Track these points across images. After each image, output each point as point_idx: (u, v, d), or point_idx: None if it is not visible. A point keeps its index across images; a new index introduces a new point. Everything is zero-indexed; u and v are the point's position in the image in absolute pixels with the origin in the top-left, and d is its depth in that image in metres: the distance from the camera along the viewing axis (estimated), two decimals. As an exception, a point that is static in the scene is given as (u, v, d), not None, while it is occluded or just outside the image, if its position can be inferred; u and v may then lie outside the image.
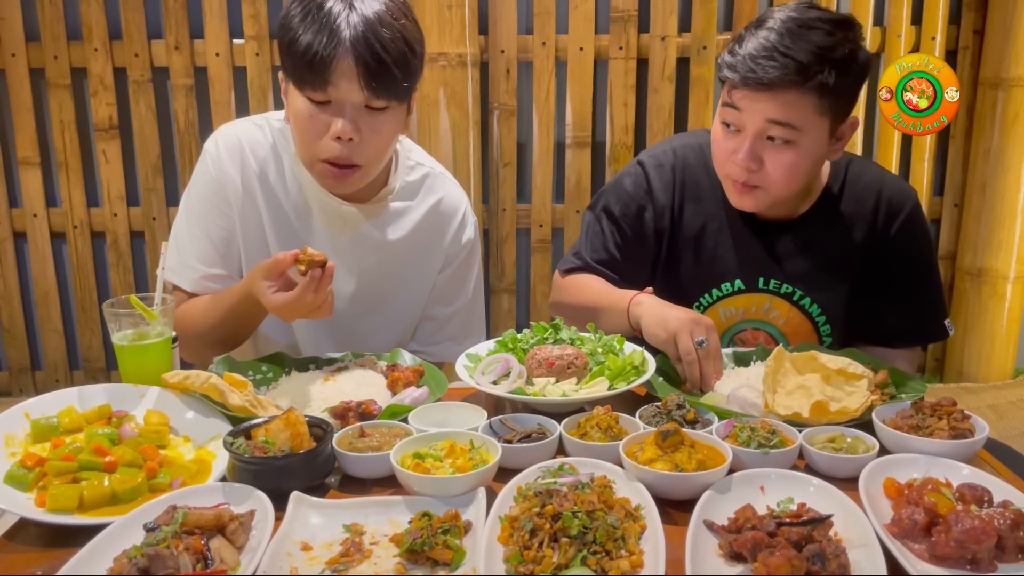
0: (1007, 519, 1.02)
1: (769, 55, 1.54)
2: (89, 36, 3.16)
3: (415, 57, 1.59)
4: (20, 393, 3.45)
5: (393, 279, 1.83)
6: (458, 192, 1.89)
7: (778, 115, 1.57)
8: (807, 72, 1.53)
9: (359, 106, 1.56)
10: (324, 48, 1.50)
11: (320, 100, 1.56)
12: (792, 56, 1.54)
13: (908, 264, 1.78)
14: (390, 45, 1.53)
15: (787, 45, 1.54)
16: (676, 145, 1.87)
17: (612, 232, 1.86)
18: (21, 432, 1.31)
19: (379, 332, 1.84)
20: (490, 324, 3.44)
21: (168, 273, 1.72)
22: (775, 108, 1.57)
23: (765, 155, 1.61)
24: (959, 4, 3.25)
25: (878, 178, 1.80)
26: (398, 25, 1.55)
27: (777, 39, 1.55)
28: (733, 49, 1.61)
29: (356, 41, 1.51)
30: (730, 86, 1.61)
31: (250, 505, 1.13)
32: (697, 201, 1.82)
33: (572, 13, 3.17)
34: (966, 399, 3.09)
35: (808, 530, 1.00)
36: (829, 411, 1.35)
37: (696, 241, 1.82)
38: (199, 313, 1.69)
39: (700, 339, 1.53)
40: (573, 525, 1.01)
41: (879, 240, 1.77)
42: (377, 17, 1.53)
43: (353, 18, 1.52)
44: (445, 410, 1.41)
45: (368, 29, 1.52)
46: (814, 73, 1.53)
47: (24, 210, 3.31)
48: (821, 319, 1.80)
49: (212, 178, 1.72)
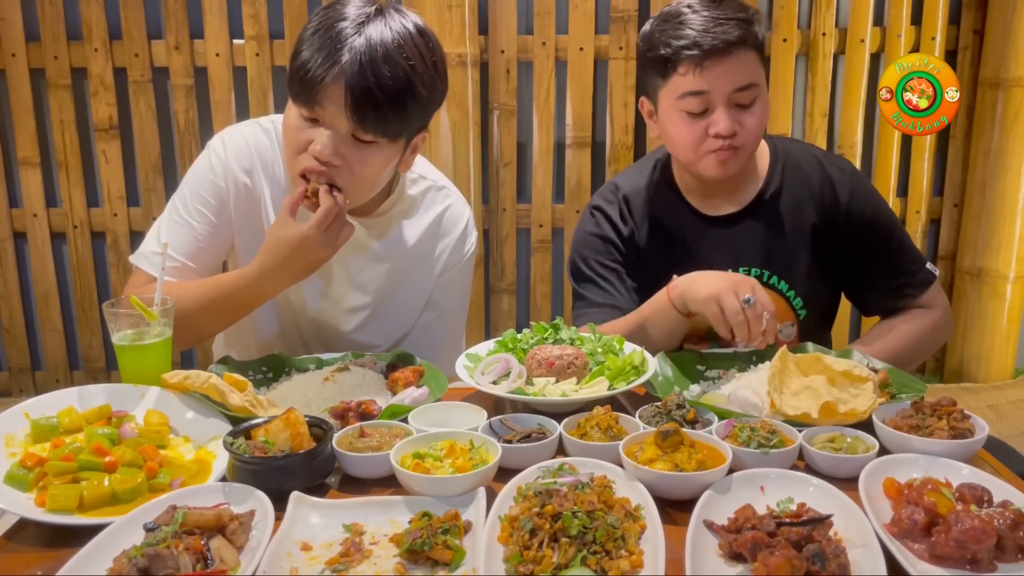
0: (1007, 519, 1.02)
1: (716, 23, 1.66)
2: (89, 36, 3.16)
3: (415, 100, 1.51)
4: (20, 393, 3.45)
5: (393, 291, 1.82)
6: (461, 205, 1.86)
7: (742, 79, 1.68)
8: (750, 30, 1.68)
9: (344, 134, 1.51)
10: (319, 67, 1.46)
11: (308, 116, 1.52)
12: (735, 19, 1.67)
13: (870, 226, 1.84)
14: (387, 82, 1.46)
15: (721, 15, 1.67)
16: (617, 181, 1.96)
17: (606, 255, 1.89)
18: (21, 432, 1.31)
19: (375, 342, 1.83)
20: (490, 324, 3.44)
21: (138, 256, 1.70)
22: (736, 73, 1.67)
23: (739, 118, 1.71)
24: (959, 4, 3.26)
25: (810, 152, 1.91)
26: (404, 64, 1.48)
27: (709, 14, 1.67)
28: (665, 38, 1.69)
29: (351, 69, 1.45)
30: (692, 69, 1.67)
31: (250, 505, 1.13)
32: (651, 220, 1.90)
33: (572, 13, 3.17)
34: (966, 399, 3.10)
35: (808, 530, 1.00)
36: (838, 412, 1.35)
37: (664, 254, 1.87)
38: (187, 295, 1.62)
39: (747, 297, 1.54)
40: (573, 525, 1.01)
41: (832, 211, 1.83)
42: (384, 49, 1.46)
43: (358, 44, 1.46)
44: (445, 410, 1.41)
45: (369, 60, 1.45)
46: (754, 32, 1.69)
47: (24, 210, 3.32)
48: (791, 294, 1.85)
49: (213, 175, 1.70)
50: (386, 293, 1.82)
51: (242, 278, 1.59)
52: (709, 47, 1.65)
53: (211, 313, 1.64)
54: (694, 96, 1.69)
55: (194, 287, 1.63)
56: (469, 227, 1.87)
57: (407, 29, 1.51)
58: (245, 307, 1.66)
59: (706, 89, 1.67)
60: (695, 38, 1.66)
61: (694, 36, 1.66)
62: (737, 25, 1.66)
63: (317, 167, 1.52)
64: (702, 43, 1.65)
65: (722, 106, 1.69)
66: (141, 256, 1.71)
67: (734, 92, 1.68)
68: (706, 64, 1.65)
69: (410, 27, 1.52)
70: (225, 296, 1.61)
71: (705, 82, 1.67)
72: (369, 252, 1.78)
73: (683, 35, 1.67)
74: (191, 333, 1.64)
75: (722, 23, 1.66)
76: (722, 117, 1.69)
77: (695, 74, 1.67)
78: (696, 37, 1.66)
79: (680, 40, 1.67)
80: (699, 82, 1.67)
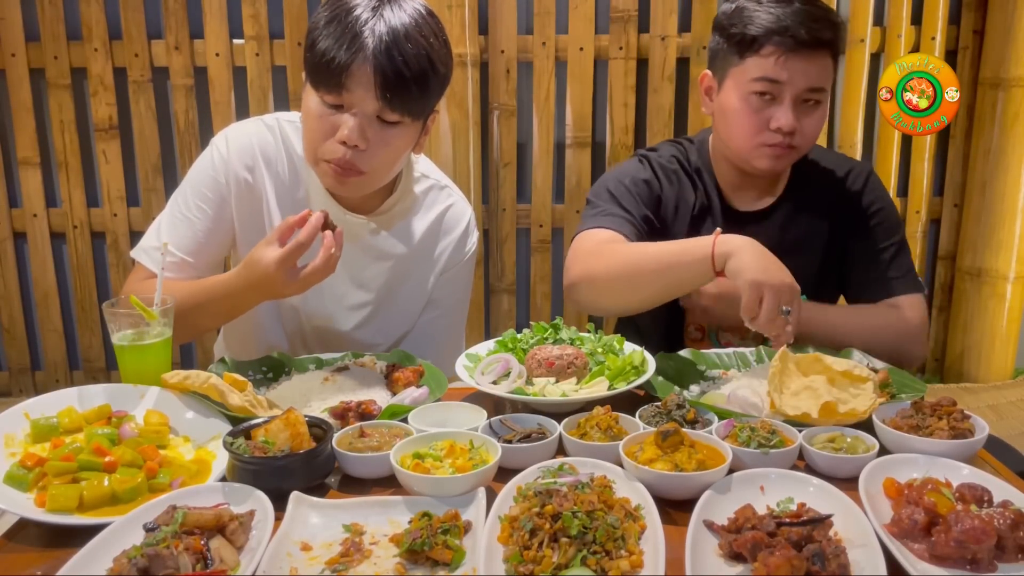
0: (1007, 519, 1.02)
1: (813, 19, 1.65)
2: (89, 36, 3.16)
3: (436, 77, 1.58)
4: (20, 393, 3.44)
5: (394, 290, 1.83)
6: (463, 205, 1.88)
7: (816, 80, 1.68)
8: (838, 36, 1.68)
9: (371, 115, 1.55)
10: (345, 53, 1.50)
11: (333, 103, 1.55)
12: (828, 20, 1.67)
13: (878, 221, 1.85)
14: (412, 60, 1.52)
15: (819, 12, 1.67)
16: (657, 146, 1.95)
17: (637, 196, 1.84)
18: (21, 432, 1.31)
19: (375, 341, 1.83)
20: (490, 324, 3.44)
21: (138, 252, 1.71)
22: (814, 73, 1.67)
23: (800, 118, 1.70)
24: (959, 4, 3.25)
25: (834, 156, 1.94)
26: (424, 42, 1.55)
27: (807, 9, 1.67)
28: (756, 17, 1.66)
29: (378, 51, 1.50)
30: (776, 55, 1.65)
31: (250, 505, 1.13)
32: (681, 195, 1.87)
33: (572, 13, 3.17)
34: (966, 399, 3.09)
35: (808, 530, 1.00)
36: (838, 412, 1.35)
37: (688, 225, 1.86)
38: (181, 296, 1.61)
39: (786, 308, 1.48)
40: (573, 525, 1.01)
41: (846, 205, 1.85)
42: (404, 30, 1.52)
43: (380, 27, 1.51)
44: (445, 410, 1.41)
45: (393, 41, 1.51)
46: (841, 39, 1.69)
47: (24, 210, 3.31)
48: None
49: (214, 172, 1.71)
50: (387, 291, 1.82)
51: (223, 286, 1.60)
52: (801, 39, 1.63)
53: (204, 312, 1.64)
54: (768, 83, 1.68)
55: (186, 288, 1.63)
56: (470, 227, 1.87)
57: (418, 11, 1.58)
58: (234, 311, 1.67)
59: (783, 79, 1.67)
60: (789, 26, 1.64)
61: (789, 24, 1.64)
62: (831, 26, 1.67)
63: (343, 152, 1.55)
64: (796, 33, 1.64)
65: (790, 101, 1.68)
66: (141, 251, 1.72)
67: (806, 90, 1.68)
68: (792, 55, 1.64)
69: (420, 8, 1.59)
70: (214, 300, 1.62)
71: (784, 72, 1.66)
72: (371, 250, 1.78)
73: (777, 19, 1.65)
74: (188, 328, 1.64)
75: (818, 20, 1.66)
76: (787, 112, 1.68)
77: (777, 61, 1.66)
78: (790, 25, 1.64)
79: (772, 24, 1.65)
80: (778, 71, 1.66)
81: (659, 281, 1.63)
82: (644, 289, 1.65)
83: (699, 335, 1.90)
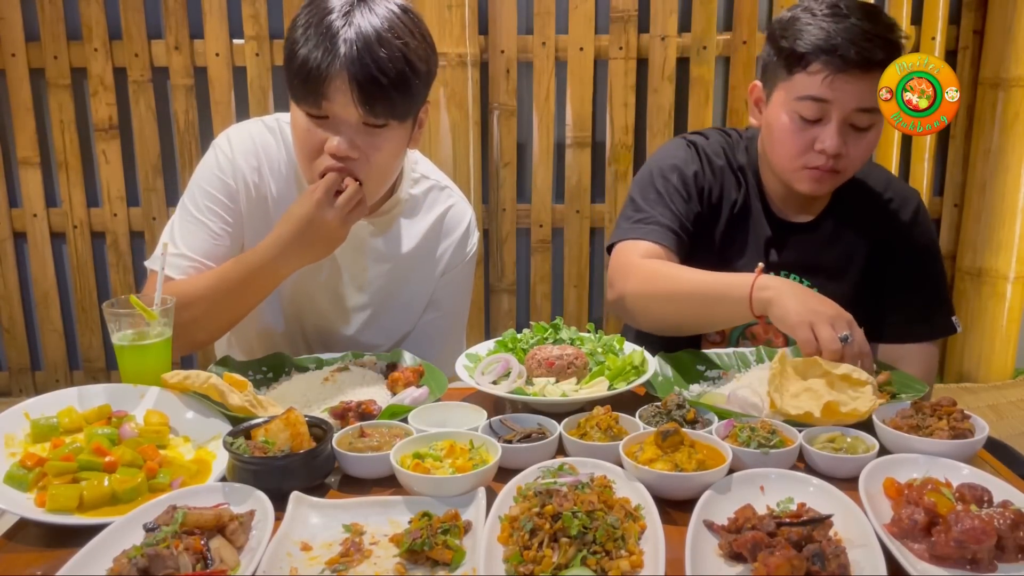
0: (1007, 519, 1.02)
1: (865, 37, 1.55)
2: (89, 36, 3.16)
3: (416, 76, 1.53)
4: (20, 393, 3.45)
5: (395, 292, 1.82)
6: (463, 206, 1.87)
7: (866, 101, 1.57)
8: (894, 55, 1.55)
9: (356, 124, 1.52)
10: (319, 64, 1.46)
11: (317, 115, 1.52)
12: (884, 38, 1.57)
13: (916, 252, 1.80)
14: (386, 65, 1.47)
15: (873, 30, 1.57)
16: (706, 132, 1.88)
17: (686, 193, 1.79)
18: (21, 432, 1.31)
19: (376, 342, 1.83)
20: (490, 324, 3.44)
21: (153, 261, 1.68)
22: (865, 93, 1.57)
23: (848, 141, 1.63)
24: (959, 4, 3.25)
25: (884, 177, 1.85)
26: (398, 44, 1.49)
27: (861, 26, 1.57)
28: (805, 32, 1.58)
29: (351, 59, 1.46)
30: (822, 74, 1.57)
31: (250, 505, 1.13)
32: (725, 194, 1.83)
33: (572, 13, 3.17)
34: (966, 399, 3.09)
35: (808, 530, 1.00)
36: (840, 412, 1.35)
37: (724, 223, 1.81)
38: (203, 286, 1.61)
39: (844, 335, 1.44)
40: (573, 525, 1.01)
41: (888, 232, 1.80)
42: (376, 34, 1.48)
43: (350, 34, 1.47)
44: (445, 410, 1.41)
45: (365, 47, 1.46)
46: (895, 56, 1.54)
47: (24, 210, 3.32)
48: None
49: (222, 173, 1.69)
50: (388, 292, 1.82)
51: (255, 254, 1.58)
52: (849, 59, 1.54)
53: (220, 303, 1.60)
54: (814, 102, 1.60)
55: (205, 275, 1.62)
56: (471, 227, 1.87)
57: (391, 10, 1.53)
58: (255, 292, 1.62)
59: (829, 99, 1.58)
60: (838, 44, 1.55)
61: (839, 42, 1.55)
62: (885, 45, 1.56)
63: (336, 165, 1.53)
64: (844, 53, 1.54)
65: (837, 122, 1.60)
66: (156, 260, 1.70)
67: (855, 111, 1.59)
68: (840, 75, 1.56)
69: (393, 7, 1.54)
70: (241, 276, 1.58)
71: (831, 92, 1.57)
72: (372, 251, 1.78)
73: (826, 36, 1.56)
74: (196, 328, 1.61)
75: (871, 39, 1.55)
76: (833, 134, 1.60)
77: (824, 80, 1.57)
78: (839, 44, 1.55)
79: (821, 41, 1.57)
80: (825, 90, 1.58)
81: (703, 315, 1.63)
82: (690, 321, 1.66)
83: (718, 337, 1.88)
